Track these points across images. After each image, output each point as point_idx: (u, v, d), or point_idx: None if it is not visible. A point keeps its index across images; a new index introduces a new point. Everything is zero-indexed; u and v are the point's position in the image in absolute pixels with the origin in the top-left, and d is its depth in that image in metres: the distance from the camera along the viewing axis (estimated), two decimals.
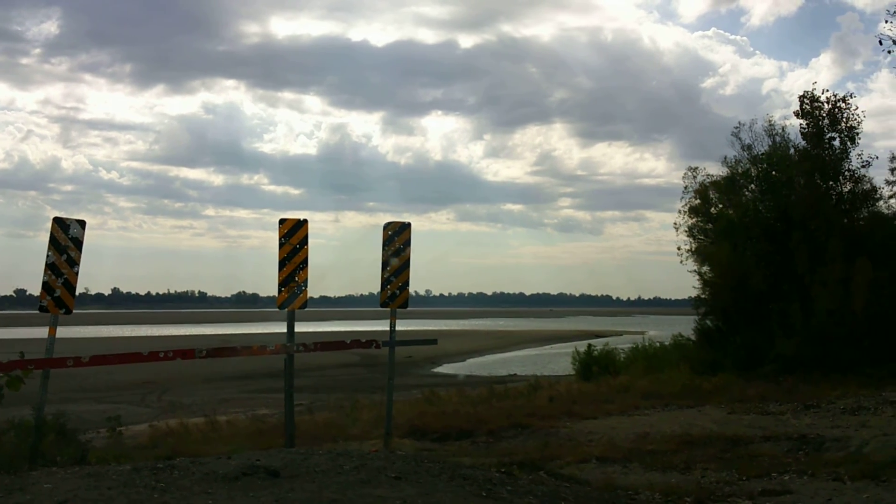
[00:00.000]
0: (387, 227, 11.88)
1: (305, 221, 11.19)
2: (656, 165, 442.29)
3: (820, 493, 8.95)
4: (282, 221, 11.21)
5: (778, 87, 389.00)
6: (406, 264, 11.80)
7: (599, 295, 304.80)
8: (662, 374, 23.94)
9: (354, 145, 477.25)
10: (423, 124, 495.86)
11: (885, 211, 29.89)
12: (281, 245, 11.09)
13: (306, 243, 11.16)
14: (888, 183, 29.17)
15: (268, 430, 17.27)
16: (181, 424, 18.88)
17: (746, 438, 13.81)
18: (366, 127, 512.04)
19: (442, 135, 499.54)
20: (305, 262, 11.14)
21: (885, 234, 26.65)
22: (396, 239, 11.82)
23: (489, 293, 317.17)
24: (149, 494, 6.33)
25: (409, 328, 70.73)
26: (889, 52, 16.08)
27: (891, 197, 30.36)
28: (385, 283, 11.72)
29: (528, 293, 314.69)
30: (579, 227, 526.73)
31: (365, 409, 19.52)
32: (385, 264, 11.74)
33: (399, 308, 11.79)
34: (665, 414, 18.28)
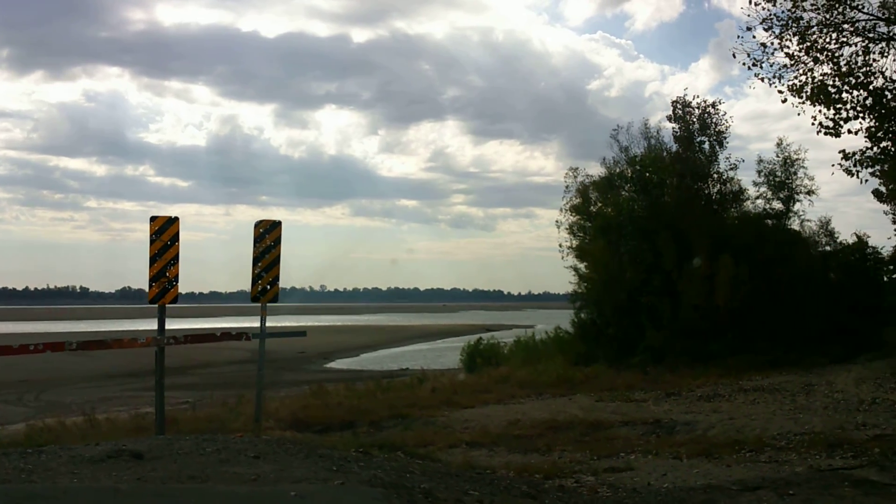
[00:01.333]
0: (258, 224, 12.21)
1: (176, 219, 11.35)
2: (546, 164, 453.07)
3: (658, 469, 9.79)
4: (153, 219, 11.34)
5: (660, 90, 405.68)
6: (276, 260, 12.17)
7: (492, 290, 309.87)
8: (540, 366, 24.94)
9: (246, 137, 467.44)
10: (317, 118, 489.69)
11: (752, 211, 32.11)
12: (152, 242, 11.20)
13: (177, 240, 11.30)
14: (755, 184, 31.36)
15: (148, 426, 17.01)
16: (59, 422, 18.36)
17: (607, 423, 14.76)
18: (257, 119, 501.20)
19: (336, 129, 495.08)
20: (176, 258, 11.30)
21: (748, 233, 28.59)
22: (267, 236, 12.15)
23: (384, 289, 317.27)
24: (16, 475, 6.47)
25: (302, 323, 70.21)
26: (752, 65, 17.25)
27: (757, 197, 32.63)
28: (256, 278, 12.05)
29: (422, 288, 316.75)
30: (472, 224, 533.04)
31: (249, 403, 19.52)
32: (256, 260, 12.06)
33: (270, 302, 12.18)
34: (538, 402, 19.20)
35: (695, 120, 29.70)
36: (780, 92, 16.42)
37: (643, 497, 7.65)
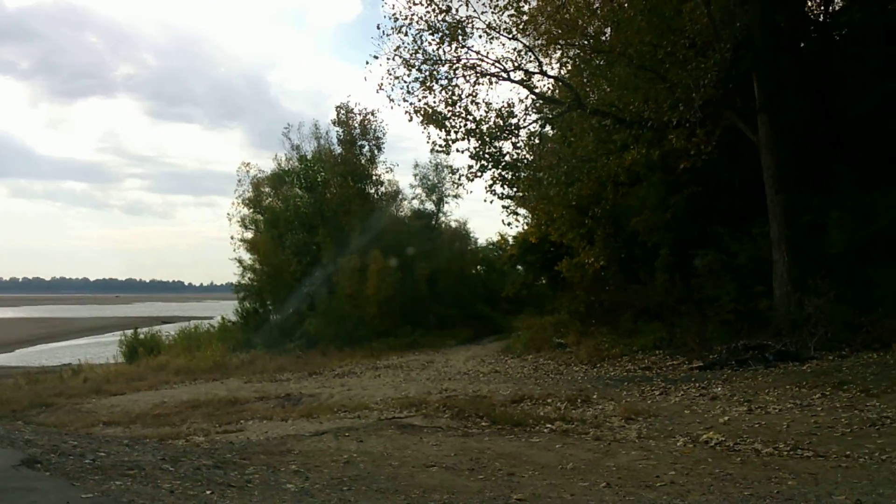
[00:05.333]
0: None
1: None
2: (228, 152, 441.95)
3: (264, 428, 11.61)
4: None
5: (339, 88, 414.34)
6: None
7: (171, 280, 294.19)
8: (200, 353, 25.80)
9: None
10: None
11: (406, 211, 35.80)
12: None
13: None
14: (412, 186, 35.10)
15: None
16: None
17: (244, 400, 16.35)
18: None
19: None
20: None
21: (399, 230, 32.03)
22: None
23: (47, 278, 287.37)
24: None
25: None
26: (379, 89, 19.75)
27: (413, 198, 36.44)
28: None
29: (92, 279, 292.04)
30: (149, 211, 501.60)
31: None
32: None
33: None
34: (191, 387, 20.18)
35: (356, 125, 32.45)
36: (407, 112, 19.27)
37: (234, 446, 9.30)
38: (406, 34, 18.89)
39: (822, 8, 22.38)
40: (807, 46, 21.87)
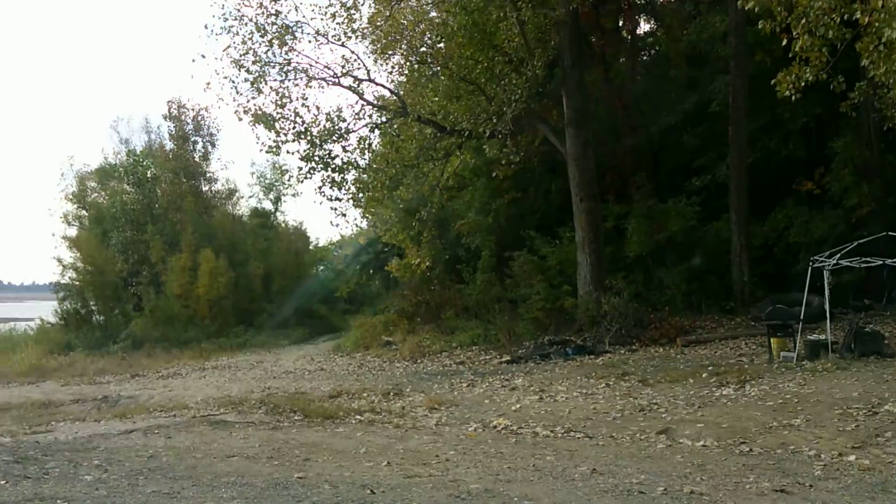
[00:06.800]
0: None
1: None
2: None
3: (75, 429, 11.46)
4: None
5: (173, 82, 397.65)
6: None
7: None
8: (16, 357, 24.49)
9: None
10: None
11: (241, 209, 35.42)
12: None
13: None
14: (249, 185, 34.76)
15: None
16: None
17: (59, 402, 15.93)
18: None
19: None
20: None
21: (232, 229, 31.69)
22: None
23: None
24: None
25: None
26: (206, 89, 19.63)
27: (250, 197, 36.08)
28: None
29: None
30: None
31: None
32: None
33: None
34: (4, 391, 19.19)
35: (189, 121, 31.82)
36: (236, 112, 19.38)
37: (39, 445, 9.27)
38: (237, 34, 19.00)
39: (631, 30, 24.53)
40: (617, 66, 23.91)
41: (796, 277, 16.34)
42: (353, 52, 19.41)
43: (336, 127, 19.54)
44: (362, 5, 19.17)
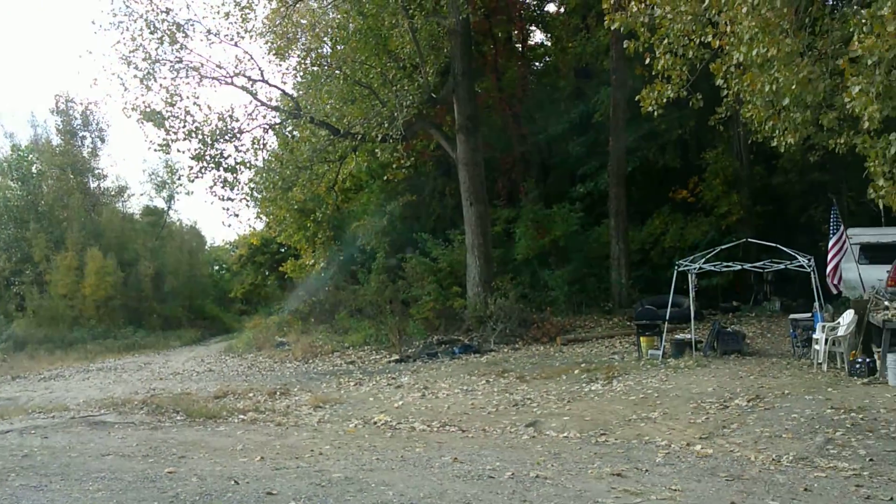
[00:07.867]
0: None
1: None
2: None
3: None
4: None
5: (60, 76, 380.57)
6: None
7: None
8: None
9: None
10: None
11: (136, 208, 34.51)
12: None
13: None
14: (141, 183, 33.89)
15: None
16: None
17: None
18: None
19: None
20: None
21: (121, 227, 30.90)
22: None
23: None
24: None
25: None
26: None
27: (142, 194, 35.19)
28: None
29: None
30: None
31: None
32: None
33: None
34: None
35: (77, 115, 30.84)
36: (123, 109, 19.05)
37: None
38: (126, 30, 18.70)
39: (523, 40, 25.38)
40: (508, 75, 24.70)
41: (670, 280, 17.43)
42: (246, 53, 19.32)
43: (228, 127, 19.48)
44: (257, 5, 19.19)
